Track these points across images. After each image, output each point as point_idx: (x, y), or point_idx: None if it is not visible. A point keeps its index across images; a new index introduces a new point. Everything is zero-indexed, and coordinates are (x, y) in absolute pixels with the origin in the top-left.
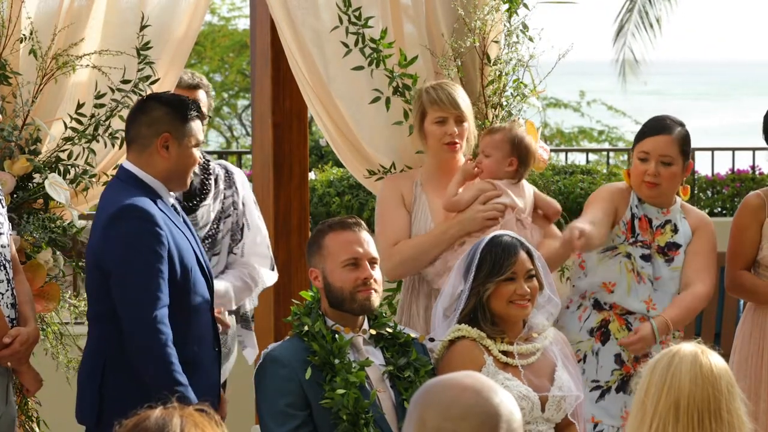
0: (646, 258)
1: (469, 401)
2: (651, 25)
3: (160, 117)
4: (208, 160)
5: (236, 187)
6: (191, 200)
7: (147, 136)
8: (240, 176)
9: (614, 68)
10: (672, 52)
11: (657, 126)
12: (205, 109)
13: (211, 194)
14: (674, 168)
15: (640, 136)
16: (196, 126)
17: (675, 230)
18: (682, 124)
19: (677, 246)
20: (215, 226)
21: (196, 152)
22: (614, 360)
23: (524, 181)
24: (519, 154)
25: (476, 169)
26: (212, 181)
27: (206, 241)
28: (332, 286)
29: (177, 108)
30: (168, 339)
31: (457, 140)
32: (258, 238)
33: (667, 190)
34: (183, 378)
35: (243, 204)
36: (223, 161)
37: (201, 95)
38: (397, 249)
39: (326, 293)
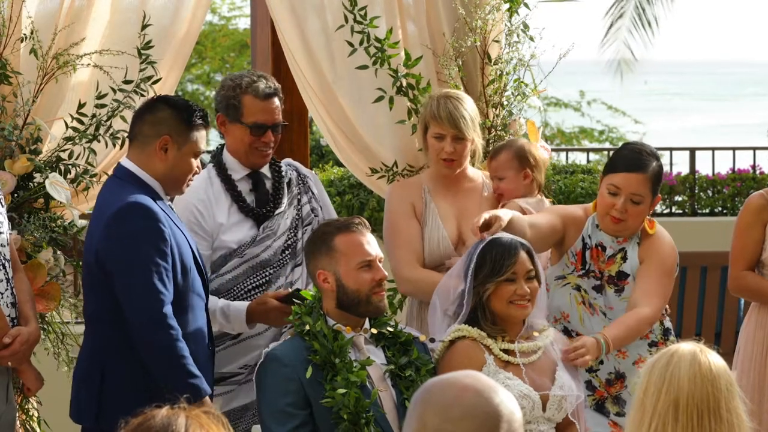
0: (598, 289)
1: (470, 402)
2: (648, 23)
3: (164, 119)
4: (279, 163)
5: (312, 192)
6: (264, 206)
7: (148, 136)
8: (314, 178)
9: (606, 67)
10: (671, 52)
11: (632, 161)
12: (280, 117)
13: (285, 200)
14: (642, 206)
15: (612, 167)
16: (200, 134)
17: (624, 258)
18: (657, 158)
19: (626, 275)
20: (293, 234)
21: (195, 162)
22: (585, 386)
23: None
24: (529, 164)
25: (495, 194)
26: (285, 186)
27: (286, 252)
28: (347, 288)
29: (182, 112)
30: (178, 334)
31: (453, 158)
32: None
33: (632, 226)
34: (196, 370)
35: (321, 208)
36: (292, 161)
37: (277, 102)
38: (422, 277)
39: (339, 295)
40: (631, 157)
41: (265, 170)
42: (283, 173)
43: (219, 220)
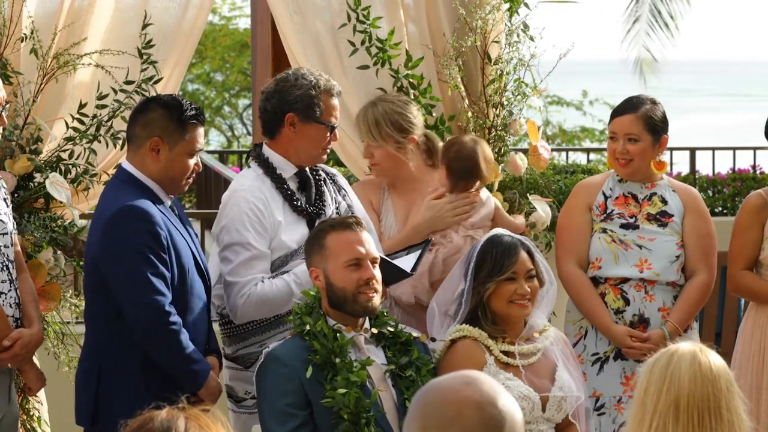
0: (626, 226)
1: (470, 419)
2: (666, 25)
3: (155, 119)
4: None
5: (345, 190)
6: (314, 204)
7: (140, 137)
8: (341, 177)
9: (621, 67)
10: (673, 52)
11: (623, 106)
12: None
13: (329, 198)
14: (642, 144)
15: (611, 116)
16: (193, 133)
17: (664, 201)
18: (653, 102)
19: (669, 215)
20: None
21: (191, 160)
22: None
23: (486, 196)
24: (446, 162)
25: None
26: (323, 184)
27: None
28: (334, 286)
29: (173, 112)
30: (179, 325)
31: (373, 162)
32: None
33: (641, 166)
34: (198, 355)
35: (354, 208)
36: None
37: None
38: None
39: (328, 293)
40: (623, 103)
41: (307, 169)
42: (319, 172)
43: (277, 218)
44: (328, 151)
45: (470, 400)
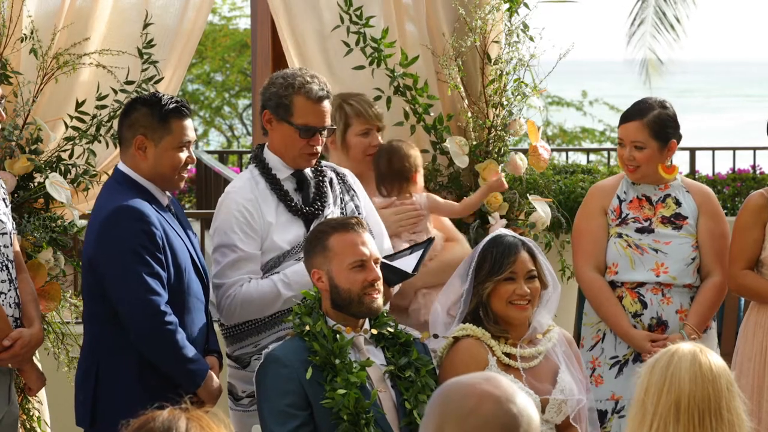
0: (641, 231)
1: (488, 411)
2: (672, 26)
3: (138, 119)
4: (319, 161)
5: (354, 191)
6: (311, 205)
7: (127, 138)
8: (352, 177)
9: (625, 68)
10: (675, 52)
11: (629, 112)
12: (329, 120)
13: (331, 199)
14: (648, 151)
15: (619, 121)
16: (177, 126)
17: (677, 203)
18: (662, 106)
19: (683, 217)
20: None
21: (181, 154)
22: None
23: (418, 196)
24: (384, 167)
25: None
26: (327, 184)
27: None
28: (339, 288)
29: (153, 108)
30: (175, 325)
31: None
32: (385, 245)
33: (649, 171)
34: (195, 354)
35: (363, 208)
36: (327, 162)
37: (328, 106)
38: None
39: (332, 295)
40: (630, 109)
41: (307, 170)
42: (324, 172)
43: (268, 219)
44: (315, 155)
45: (490, 393)
